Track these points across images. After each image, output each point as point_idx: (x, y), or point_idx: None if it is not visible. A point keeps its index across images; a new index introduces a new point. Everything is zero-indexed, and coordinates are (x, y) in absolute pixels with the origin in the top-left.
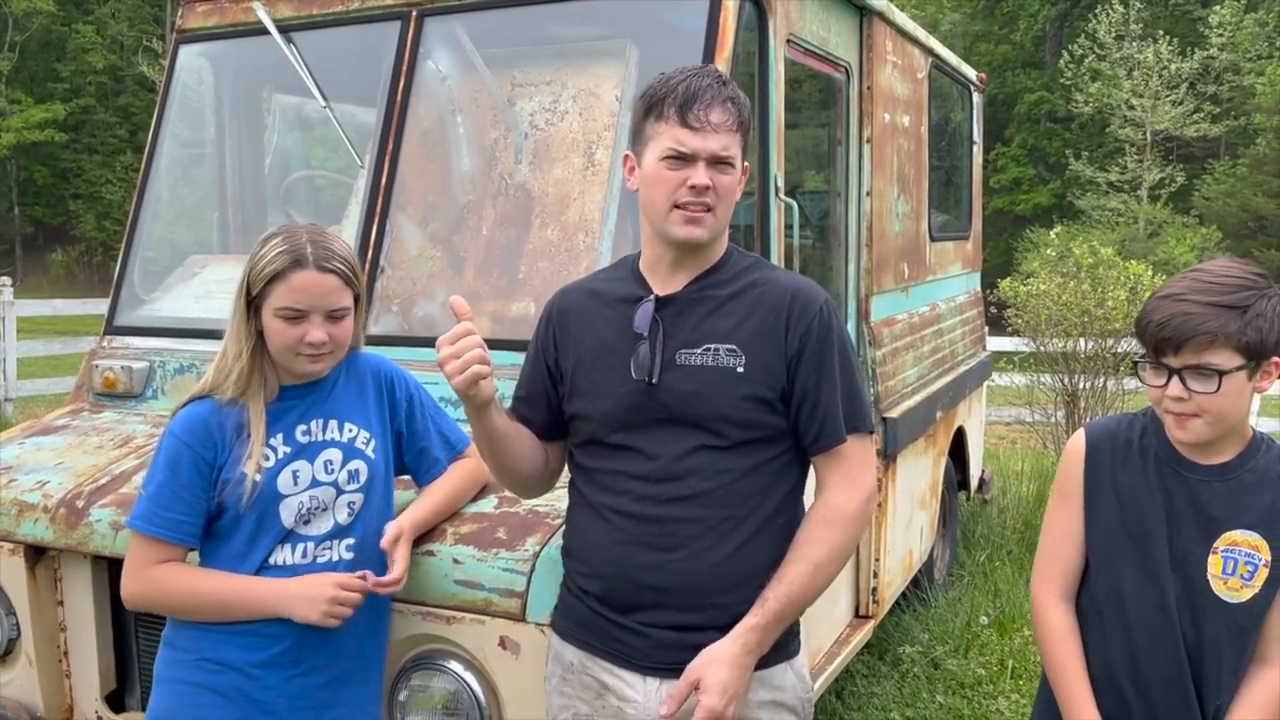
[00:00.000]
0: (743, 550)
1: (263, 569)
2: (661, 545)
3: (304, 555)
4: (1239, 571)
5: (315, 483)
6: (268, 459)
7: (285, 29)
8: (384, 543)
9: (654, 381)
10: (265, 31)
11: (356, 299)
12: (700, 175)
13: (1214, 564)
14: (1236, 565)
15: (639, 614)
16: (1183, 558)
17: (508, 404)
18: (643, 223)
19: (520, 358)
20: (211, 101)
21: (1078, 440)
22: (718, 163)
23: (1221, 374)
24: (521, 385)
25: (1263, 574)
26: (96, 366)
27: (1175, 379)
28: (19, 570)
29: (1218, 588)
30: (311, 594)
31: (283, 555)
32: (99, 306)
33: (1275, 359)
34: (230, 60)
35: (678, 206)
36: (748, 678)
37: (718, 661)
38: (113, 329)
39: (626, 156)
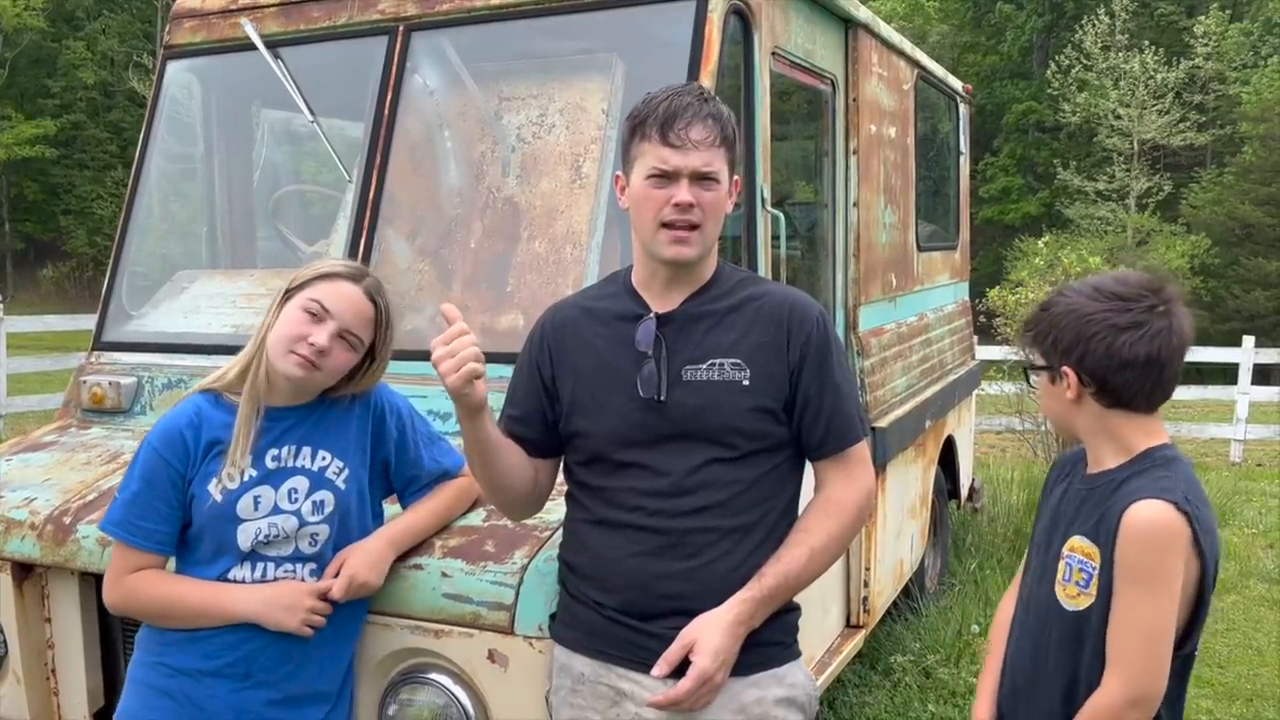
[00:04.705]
0: (755, 554)
1: (221, 581)
2: (678, 555)
3: (264, 575)
4: (1074, 578)
5: (276, 510)
6: (232, 480)
7: (273, 44)
8: (326, 578)
9: (662, 399)
10: (253, 47)
11: (372, 352)
12: (683, 193)
13: (1060, 570)
14: (1072, 571)
15: (660, 621)
16: (1050, 564)
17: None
18: (634, 241)
19: (510, 370)
20: (200, 117)
21: None
22: (701, 179)
23: (1027, 370)
24: (515, 404)
25: (1097, 582)
26: (84, 382)
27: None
28: (6, 587)
29: (1059, 594)
30: (291, 603)
31: (241, 573)
32: (90, 322)
33: (1065, 368)
34: (218, 75)
35: (665, 225)
36: (738, 646)
37: (711, 627)
38: (101, 344)
39: (617, 177)
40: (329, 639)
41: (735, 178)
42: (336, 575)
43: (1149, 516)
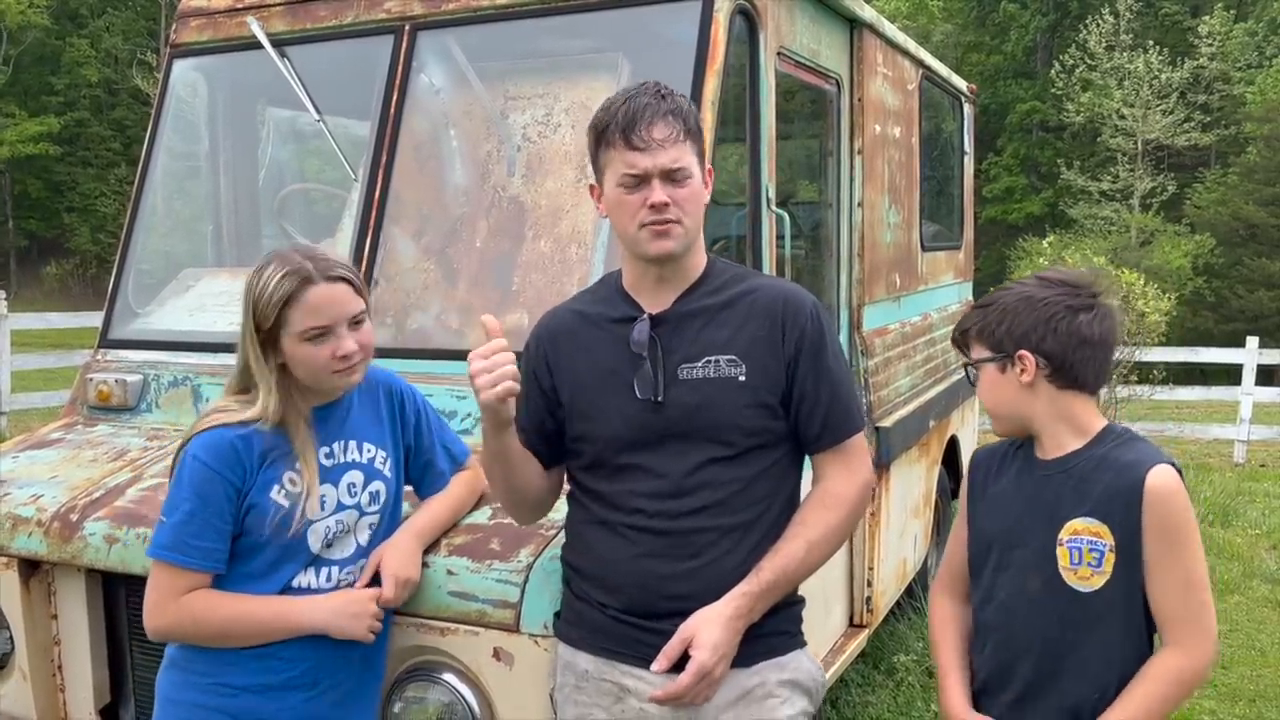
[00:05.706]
0: (756, 552)
1: (285, 592)
2: (680, 555)
3: (329, 579)
4: (1085, 560)
5: (340, 506)
6: (295, 484)
7: (279, 43)
8: (361, 583)
9: (660, 399)
10: (259, 45)
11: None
12: (657, 193)
13: (1062, 555)
14: (1081, 554)
15: (665, 620)
16: (1038, 555)
17: None
18: (620, 246)
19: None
20: (205, 115)
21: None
22: (672, 175)
23: (969, 366)
24: (519, 416)
25: (1110, 559)
26: (90, 379)
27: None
28: (13, 584)
29: (1069, 579)
30: (358, 610)
31: (307, 579)
32: (93, 319)
33: (1022, 351)
34: (224, 74)
35: (644, 225)
36: (737, 640)
37: (710, 621)
38: (107, 342)
39: (591, 187)
40: (377, 639)
41: (709, 167)
42: (375, 575)
43: (1168, 480)
